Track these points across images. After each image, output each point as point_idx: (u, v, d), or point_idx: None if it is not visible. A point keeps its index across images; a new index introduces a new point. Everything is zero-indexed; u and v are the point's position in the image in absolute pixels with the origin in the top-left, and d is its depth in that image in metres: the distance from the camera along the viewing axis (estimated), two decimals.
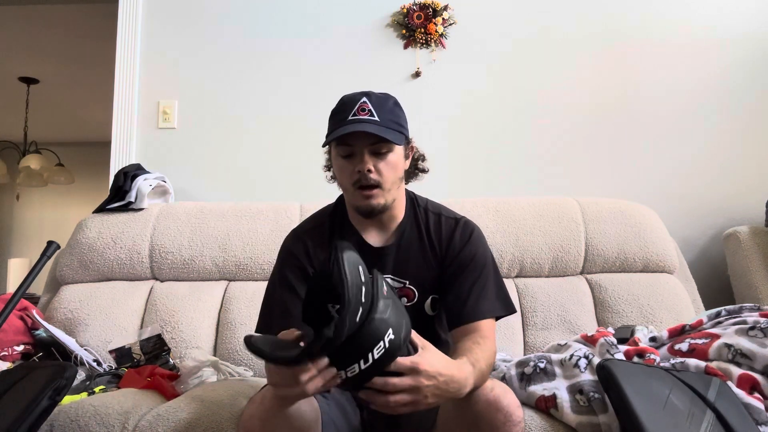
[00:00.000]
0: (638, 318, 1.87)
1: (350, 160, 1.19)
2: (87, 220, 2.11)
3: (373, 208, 1.20)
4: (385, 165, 1.19)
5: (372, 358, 0.83)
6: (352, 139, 1.17)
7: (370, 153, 1.18)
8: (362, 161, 1.18)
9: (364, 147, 1.18)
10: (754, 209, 2.23)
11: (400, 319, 0.88)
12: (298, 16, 2.48)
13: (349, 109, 1.19)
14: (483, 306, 1.18)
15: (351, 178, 1.19)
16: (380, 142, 1.17)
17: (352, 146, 1.18)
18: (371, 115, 1.18)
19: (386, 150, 1.19)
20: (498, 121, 2.39)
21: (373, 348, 0.83)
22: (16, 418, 1.11)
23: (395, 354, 0.85)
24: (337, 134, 1.16)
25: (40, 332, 1.83)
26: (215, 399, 1.32)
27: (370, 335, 0.83)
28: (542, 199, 2.11)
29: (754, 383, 1.25)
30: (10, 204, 6.04)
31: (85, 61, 4.18)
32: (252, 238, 2.03)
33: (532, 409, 1.29)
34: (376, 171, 1.18)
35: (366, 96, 1.20)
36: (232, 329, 1.89)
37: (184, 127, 2.45)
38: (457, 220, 1.30)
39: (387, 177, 1.20)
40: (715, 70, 2.38)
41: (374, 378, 0.85)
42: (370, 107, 1.19)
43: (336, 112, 1.22)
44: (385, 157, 1.19)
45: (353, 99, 1.20)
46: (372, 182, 1.18)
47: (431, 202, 1.35)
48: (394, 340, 0.84)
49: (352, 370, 0.84)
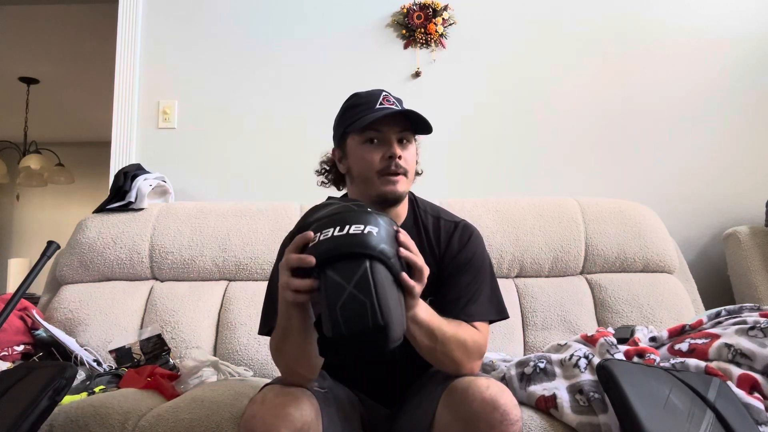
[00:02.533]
0: (638, 318, 1.87)
1: (378, 147, 1.19)
2: (87, 220, 2.11)
3: (399, 194, 1.20)
4: (409, 154, 1.21)
5: (346, 231, 0.90)
6: (382, 125, 1.18)
7: (397, 140, 1.19)
8: (392, 146, 1.18)
9: (392, 134, 1.18)
10: (754, 209, 2.23)
11: (391, 246, 0.94)
12: (298, 15, 2.48)
13: (372, 99, 1.20)
14: (473, 309, 1.17)
15: (379, 165, 1.18)
16: (406, 130, 1.20)
17: (380, 132, 1.18)
18: (396, 106, 1.21)
19: (408, 140, 1.21)
20: (498, 121, 2.39)
21: (353, 224, 0.91)
22: (16, 418, 1.11)
23: (366, 247, 0.89)
24: (373, 117, 1.16)
25: (40, 332, 1.83)
26: (215, 399, 1.32)
27: (358, 216, 0.92)
28: (542, 199, 2.11)
29: (754, 383, 1.26)
30: (10, 204, 6.04)
31: (85, 61, 4.18)
32: (252, 238, 2.03)
33: (532, 409, 1.29)
34: (403, 159, 1.19)
35: (385, 91, 1.23)
36: (232, 329, 1.89)
37: (184, 127, 2.45)
38: (456, 224, 1.29)
39: (411, 166, 1.21)
40: (715, 71, 2.38)
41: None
42: (393, 99, 1.22)
43: (355, 105, 1.22)
44: (408, 147, 1.21)
45: (373, 92, 1.22)
46: (401, 170, 1.18)
47: (431, 205, 1.35)
48: (374, 236, 0.90)
49: (325, 233, 0.91)
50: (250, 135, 2.43)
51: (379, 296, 0.85)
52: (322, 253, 0.90)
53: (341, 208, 0.98)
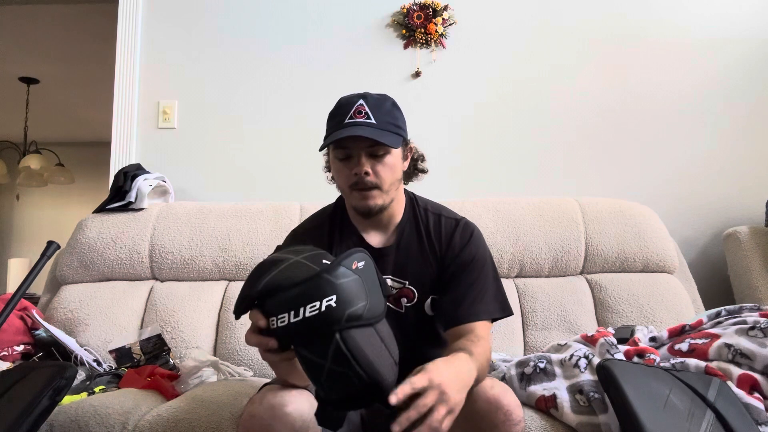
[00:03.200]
0: (638, 318, 1.87)
1: (347, 163, 1.20)
2: (87, 220, 2.11)
3: (371, 208, 1.21)
4: (383, 167, 1.19)
5: (303, 314, 0.81)
6: (349, 143, 1.17)
7: (367, 155, 1.18)
8: (359, 164, 1.18)
9: (360, 150, 1.18)
10: (754, 209, 2.23)
11: (374, 304, 0.85)
12: (298, 16, 2.48)
13: (345, 111, 1.18)
14: (479, 307, 1.18)
15: (348, 181, 1.20)
16: (376, 144, 1.17)
17: (349, 149, 1.18)
18: (368, 118, 1.17)
19: (383, 152, 1.19)
20: (498, 121, 2.39)
21: (307, 304, 0.81)
22: (16, 418, 1.11)
23: (331, 324, 0.81)
24: (333, 138, 1.16)
25: (40, 332, 1.83)
26: (215, 399, 1.32)
27: (309, 290, 0.82)
28: (542, 199, 2.11)
29: (754, 383, 1.26)
30: (10, 204, 6.04)
31: (85, 61, 4.18)
32: (252, 238, 2.03)
33: (532, 409, 1.30)
34: (373, 173, 1.18)
35: (363, 98, 1.20)
36: (232, 329, 1.89)
37: (184, 127, 2.45)
38: (458, 221, 1.29)
39: (385, 179, 1.20)
40: (714, 71, 2.38)
41: (404, 413, 0.82)
42: (367, 110, 1.18)
43: (333, 115, 1.22)
44: (383, 160, 1.19)
45: (350, 101, 1.20)
46: (369, 185, 1.18)
47: (431, 203, 1.35)
48: (335, 308, 0.81)
49: (281, 320, 0.82)
50: (250, 135, 2.43)
51: (359, 362, 0.81)
52: (284, 338, 0.84)
53: (289, 271, 0.86)
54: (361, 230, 1.28)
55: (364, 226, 1.28)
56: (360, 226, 1.28)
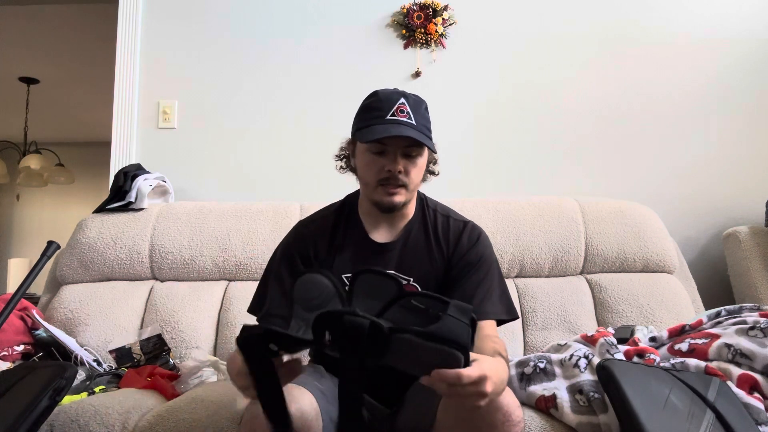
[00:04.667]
0: (638, 318, 1.87)
1: (381, 158, 1.20)
2: (87, 220, 2.11)
3: (395, 205, 1.22)
4: (414, 168, 1.21)
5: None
6: (389, 139, 1.18)
7: (402, 154, 1.19)
8: (395, 161, 1.19)
9: (397, 148, 1.19)
10: (754, 209, 2.23)
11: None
12: (298, 16, 2.48)
13: (386, 107, 1.19)
14: (487, 307, 1.19)
15: (379, 175, 1.20)
16: (414, 145, 1.19)
17: (385, 145, 1.19)
18: (409, 118, 1.19)
19: (417, 153, 1.21)
20: (498, 121, 2.39)
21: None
22: (16, 418, 1.11)
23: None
24: (378, 134, 1.16)
25: (40, 332, 1.83)
26: (215, 399, 1.32)
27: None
28: (542, 199, 2.11)
29: (754, 383, 1.26)
30: (10, 204, 6.04)
31: (85, 61, 4.18)
32: (252, 238, 2.03)
33: (532, 409, 1.30)
34: (404, 172, 1.20)
35: (404, 97, 1.21)
36: (232, 329, 1.89)
37: (184, 127, 2.45)
38: (465, 223, 1.32)
39: (414, 179, 1.22)
40: (715, 71, 2.38)
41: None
42: (408, 110, 1.20)
43: (370, 108, 1.22)
44: (415, 161, 1.21)
45: (390, 98, 1.21)
46: (399, 182, 1.20)
47: (440, 205, 1.37)
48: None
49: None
50: (250, 135, 2.43)
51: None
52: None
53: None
54: (368, 225, 1.29)
55: (374, 221, 1.29)
56: (369, 221, 1.29)
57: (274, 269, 1.29)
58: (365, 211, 1.30)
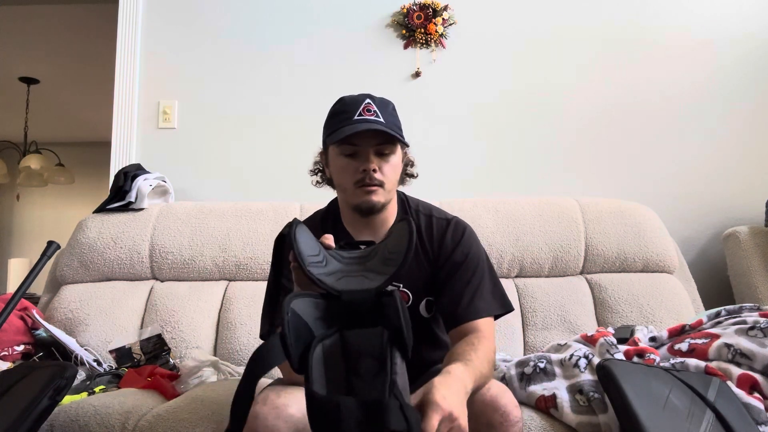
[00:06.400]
0: (638, 318, 1.87)
1: (354, 159, 1.19)
2: (87, 220, 2.11)
3: (374, 204, 1.20)
4: (388, 166, 1.19)
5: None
6: (358, 139, 1.17)
7: (374, 153, 1.18)
8: (367, 160, 1.17)
9: (369, 147, 1.17)
10: (754, 209, 2.23)
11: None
12: (298, 16, 2.48)
13: (353, 109, 1.18)
14: (478, 305, 1.17)
15: (354, 177, 1.19)
16: (386, 143, 1.18)
17: (357, 146, 1.18)
18: (377, 116, 1.18)
19: (389, 151, 1.19)
20: (498, 121, 2.39)
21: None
22: (16, 418, 1.11)
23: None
24: (347, 132, 1.15)
25: (40, 332, 1.83)
26: (215, 399, 1.32)
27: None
28: (542, 199, 2.11)
29: (754, 383, 1.26)
30: (10, 204, 6.04)
31: (86, 61, 4.18)
32: (252, 238, 2.03)
33: (532, 409, 1.29)
34: (379, 171, 1.18)
35: (369, 97, 1.20)
36: (232, 329, 1.89)
37: (184, 127, 2.45)
38: (449, 221, 1.29)
39: (389, 177, 1.20)
40: (714, 71, 2.38)
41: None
42: (375, 108, 1.19)
43: (338, 112, 1.21)
44: (388, 158, 1.20)
45: (356, 100, 1.20)
46: (375, 182, 1.18)
47: (422, 203, 1.34)
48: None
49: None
50: (250, 135, 2.43)
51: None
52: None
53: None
54: (353, 232, 1.27)
55: (358, 228, 1.27)
56: (353, 229, 1.27)
57: (279, 281, 1.24)
58: (347, 219, 1.28)
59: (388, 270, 0.78)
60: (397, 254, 0.80)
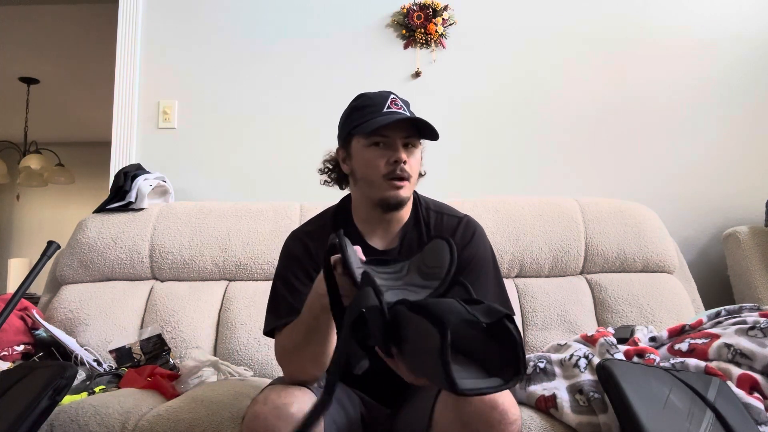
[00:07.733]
0: (638, 318, 1.87)
1: (384, 151, 1.18)
2: (87, 220, 2.11)
3: (402, 199, 1.20)
4: (414, 159, 1.21)
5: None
6: (389, 130, 1.17)
7: (402, 145, 1.19)
8: (398, 151, 1.17)
9: (398, 139, 1.18)
10: (754, 209, 2.23)
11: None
12: (298, 16, 2.48)
13: (380, 102, 1.19)
14: None
15: (385, 169, 1.18)
16: (412, 136, 1.19)
17: (387, 137, 1.18)
18: (404, 110, 1.20)
19: (415, 145, 1.21)
20: (498, 121, 2.39)
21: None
22: (16, 418, 1.11)
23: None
24: (382, 122, 1.15)
25: (40, 332, 1.83)
26: (215, 399, 1.32)
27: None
28: (542, 199, 2.11)
29: (754, 383, 1.26)
30: (10, 204, 6.04)
31: (86, 61, 4.18)
32: (252, 238, 2.03)
33: (531, 409, 1.29)
34: (408, 163, 1.19)
35: (393, 94, 1.22)
36: (232, 329, 1.89)
37: (184, 127, 2.45)
38: (460, 219, 1.29)
39: (414, 171, 1.21)
40: (715, 71, 2.38)
41: None
42: (401, 104, 1.21)
43: (363, 106, 1.21)
44: (414, 152, 1.21)
45: (382, 94, 1.22)
46: (405, 175, 1.18)
47: (434, 202, 1.34)
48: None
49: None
50: (251, 135, 2.43)
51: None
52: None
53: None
54: (365, 231, 1.26)
55: (371, 227, 1.26)
56: (365, 227, 1.27)
57: (281, 298, 1.20)
58: (361, 217, 1.27)
59: (432, 284, 0.82)
60: (439, 269, 0.84)
